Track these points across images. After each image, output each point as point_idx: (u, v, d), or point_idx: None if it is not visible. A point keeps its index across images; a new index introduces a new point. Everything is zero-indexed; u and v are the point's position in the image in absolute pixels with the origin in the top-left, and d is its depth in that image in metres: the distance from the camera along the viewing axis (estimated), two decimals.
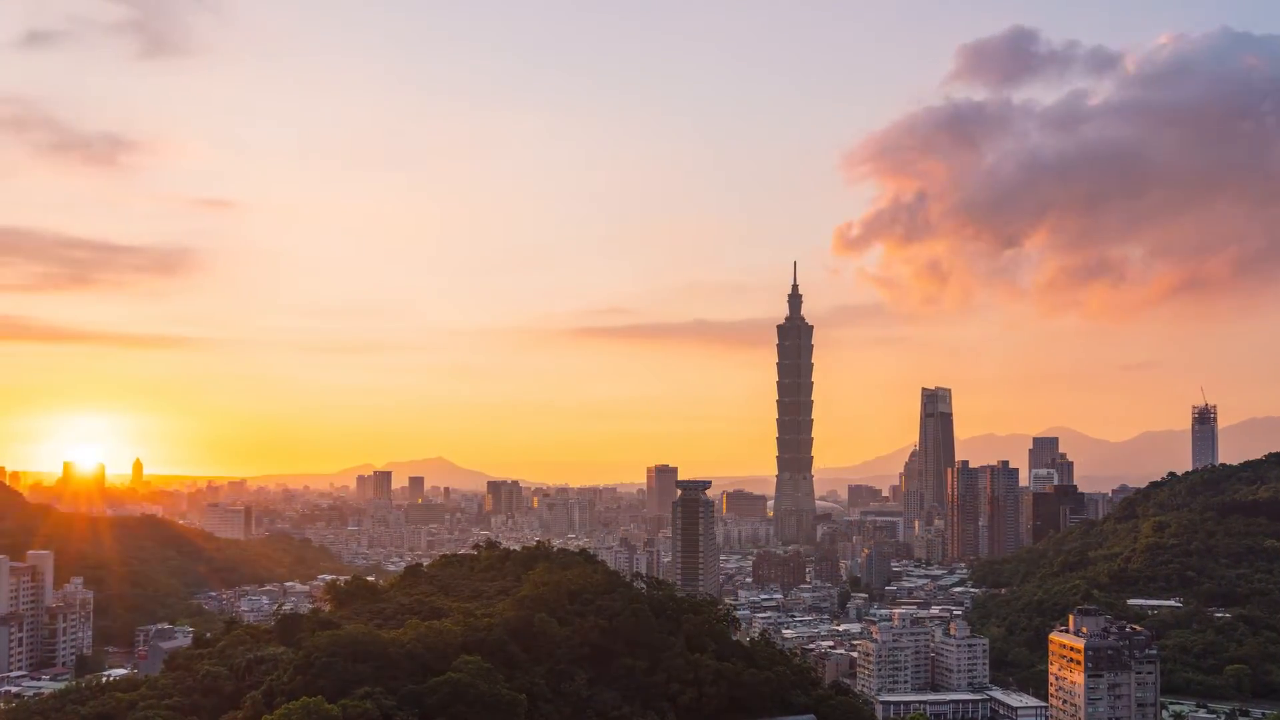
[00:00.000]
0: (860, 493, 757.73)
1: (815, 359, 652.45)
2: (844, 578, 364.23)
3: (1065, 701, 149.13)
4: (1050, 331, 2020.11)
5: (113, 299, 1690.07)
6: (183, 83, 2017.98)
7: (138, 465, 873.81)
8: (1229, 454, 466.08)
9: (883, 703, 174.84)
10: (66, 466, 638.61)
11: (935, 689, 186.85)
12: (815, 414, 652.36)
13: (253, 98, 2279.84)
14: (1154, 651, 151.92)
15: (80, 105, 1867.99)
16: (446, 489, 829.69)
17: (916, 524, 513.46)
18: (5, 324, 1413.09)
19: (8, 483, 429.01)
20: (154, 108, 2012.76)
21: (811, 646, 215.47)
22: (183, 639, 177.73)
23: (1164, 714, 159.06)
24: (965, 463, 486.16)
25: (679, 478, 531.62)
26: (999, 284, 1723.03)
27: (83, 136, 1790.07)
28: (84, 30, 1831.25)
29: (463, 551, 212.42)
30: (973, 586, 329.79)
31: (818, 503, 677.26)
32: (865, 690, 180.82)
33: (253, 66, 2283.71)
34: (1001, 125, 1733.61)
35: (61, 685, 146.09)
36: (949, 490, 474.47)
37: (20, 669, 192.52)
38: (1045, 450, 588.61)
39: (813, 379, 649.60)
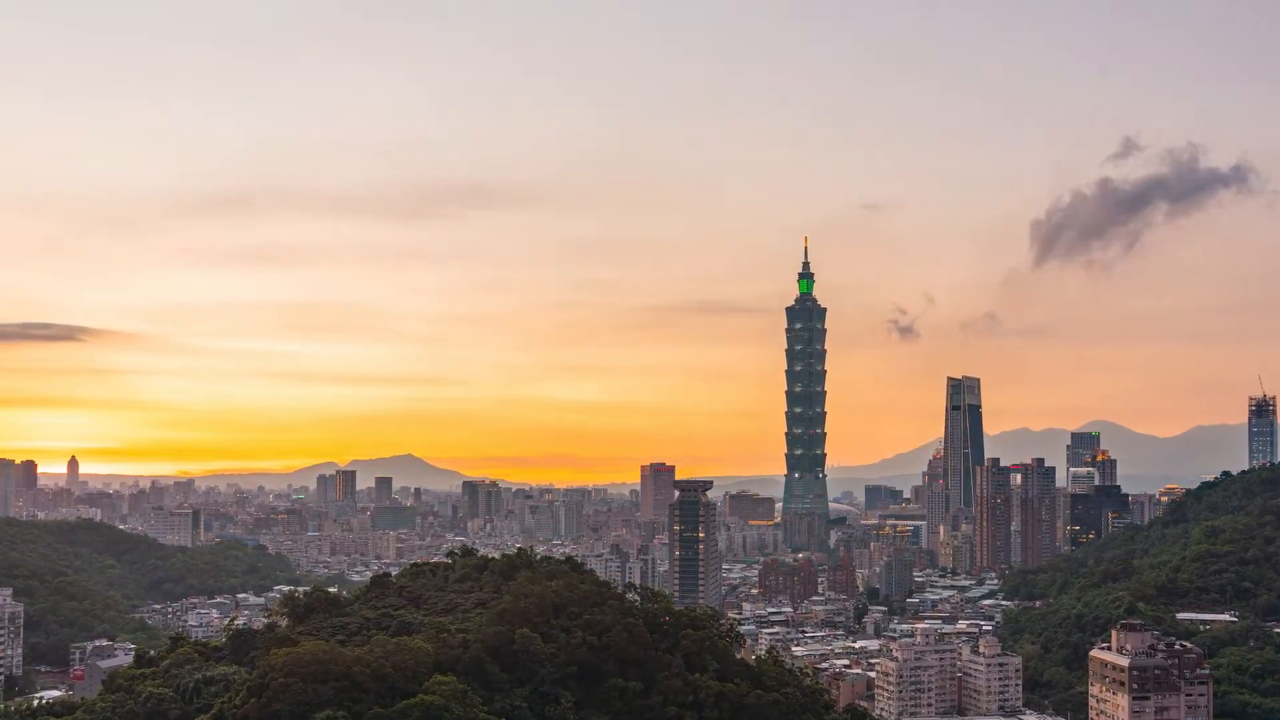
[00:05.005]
0: (878, 494, 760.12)
1: (829, 344, 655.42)
2: (860, 589, 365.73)
3: None
4: (1088, 314, 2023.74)
5: None
6: None
7: (73, 463, 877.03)
8: None
9: None
10: None
11: (962, 713, 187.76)
12: (828, 406, 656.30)
13: None
14: (1206, 671, 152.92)
15: None
16: (417, 490, 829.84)
17: (941, 529, 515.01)
18: None
19: None
20: None
21: (824, 666, 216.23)
22: (123, 657, 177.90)
23: None
24: (996, 460, 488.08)
25: (676, 477, 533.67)
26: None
27: None
28: None
29: (435, 559, 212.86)
30: (1004, 598, 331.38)
31: (831, 505, 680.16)
32: (884, 714, 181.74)
33: None
34: None
35: None
36: (977, 491, 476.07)
37: None
38: (1085, 446, 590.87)
39: (826, 367, 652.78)
